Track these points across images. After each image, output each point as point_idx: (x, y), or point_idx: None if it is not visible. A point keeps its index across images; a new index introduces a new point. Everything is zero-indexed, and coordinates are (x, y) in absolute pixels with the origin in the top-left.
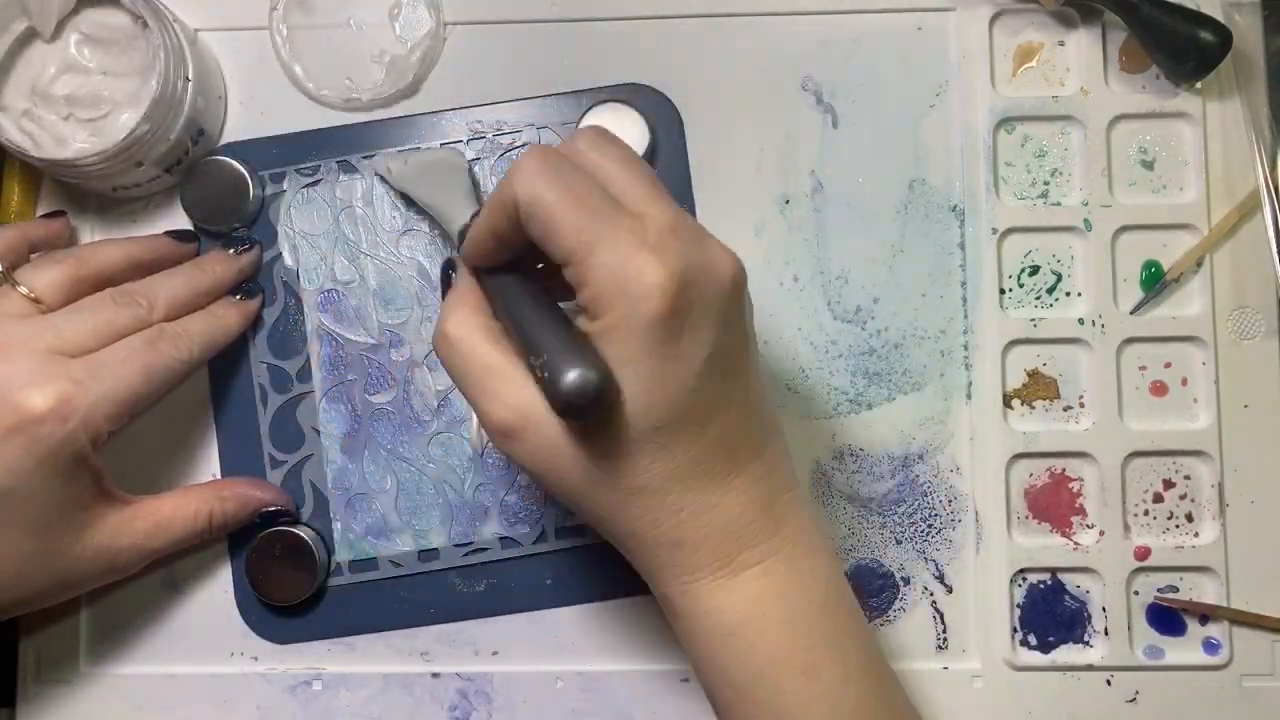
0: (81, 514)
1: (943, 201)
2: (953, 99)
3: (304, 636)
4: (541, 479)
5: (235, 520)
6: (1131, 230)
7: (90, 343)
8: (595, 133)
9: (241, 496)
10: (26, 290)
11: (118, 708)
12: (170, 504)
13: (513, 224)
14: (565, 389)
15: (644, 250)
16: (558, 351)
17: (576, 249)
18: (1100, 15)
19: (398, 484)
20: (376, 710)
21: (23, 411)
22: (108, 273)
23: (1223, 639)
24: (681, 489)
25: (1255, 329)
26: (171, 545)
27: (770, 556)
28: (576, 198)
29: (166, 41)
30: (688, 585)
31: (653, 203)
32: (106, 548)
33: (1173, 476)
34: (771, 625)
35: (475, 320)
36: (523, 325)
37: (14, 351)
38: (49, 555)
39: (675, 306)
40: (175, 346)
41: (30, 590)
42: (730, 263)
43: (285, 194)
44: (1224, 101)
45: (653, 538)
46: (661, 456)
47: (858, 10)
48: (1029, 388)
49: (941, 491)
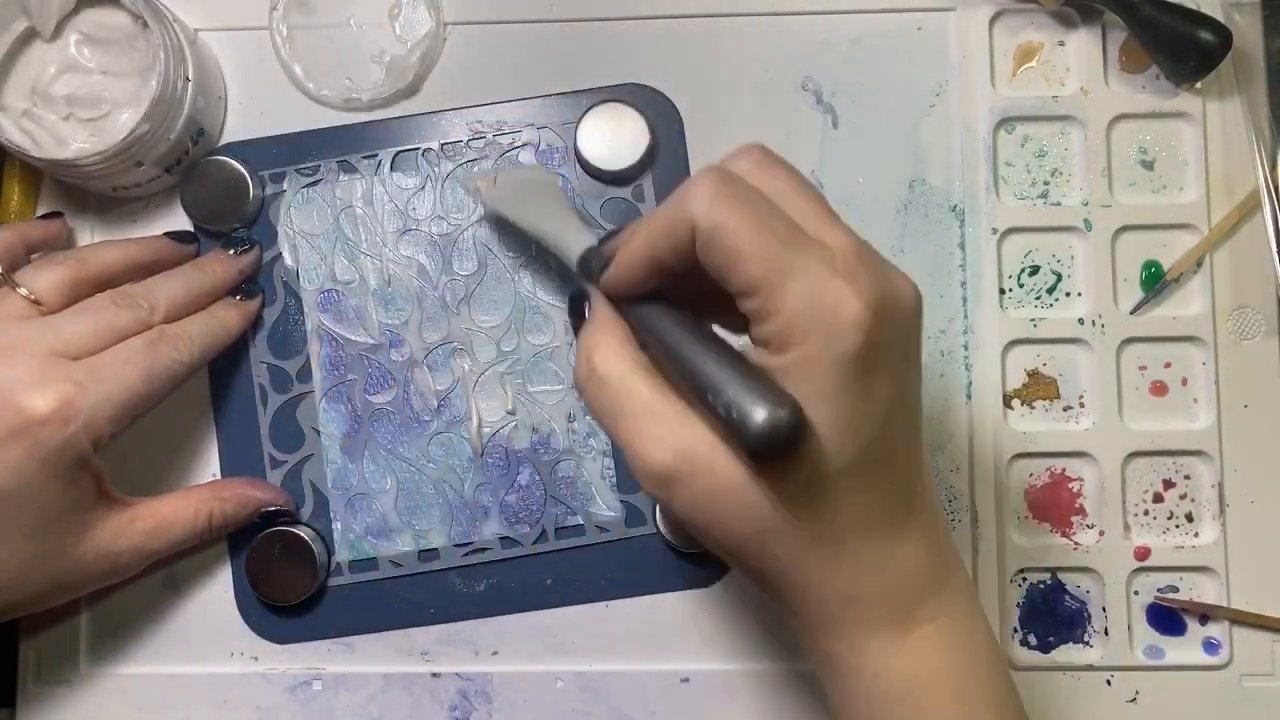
0: (82, 516)
1: (943, 201)
2: (953, 99)
3: (304, 636)
4: (703, 526)
5: (235, 521)
6: (1131, 230)
7: (91, 344)
8: (760, 153)
9: (241, 497)
10: (26, 292)
11: (118, 708)
12: (170, 505)
13: (680, 251)
14: (758, 429)
15: (838, 279)
16: (742, 389)
17: (766, 278)
18: (1100, 15)
19: (398, 484)
20: (376, 710)
21: (25, 414)
22: (107, 274)
23: (1223, 639)
24: (863, 537)
25: (1255, 329)
26: (172, 547)
27: (941, 615)
28: (761, 223)
29: (166, 41)
30: (861, 643)
31: (833, 228)
32: (107, 550)
33: (1173, 476)
34: (944, 692)
35: (627, 354)
36: (691, 360)
37: (15, 353)
38: (50, 557)
39: (872, 340)
40: (175, 348)
41: (31, 592)
42: (912, 291)
43: (285, 194)
44: (1224, 101)
45: (828, 591)
46: (847, 502)
47: (858, 10)
48: (1029, 388)
49: (941, 491)
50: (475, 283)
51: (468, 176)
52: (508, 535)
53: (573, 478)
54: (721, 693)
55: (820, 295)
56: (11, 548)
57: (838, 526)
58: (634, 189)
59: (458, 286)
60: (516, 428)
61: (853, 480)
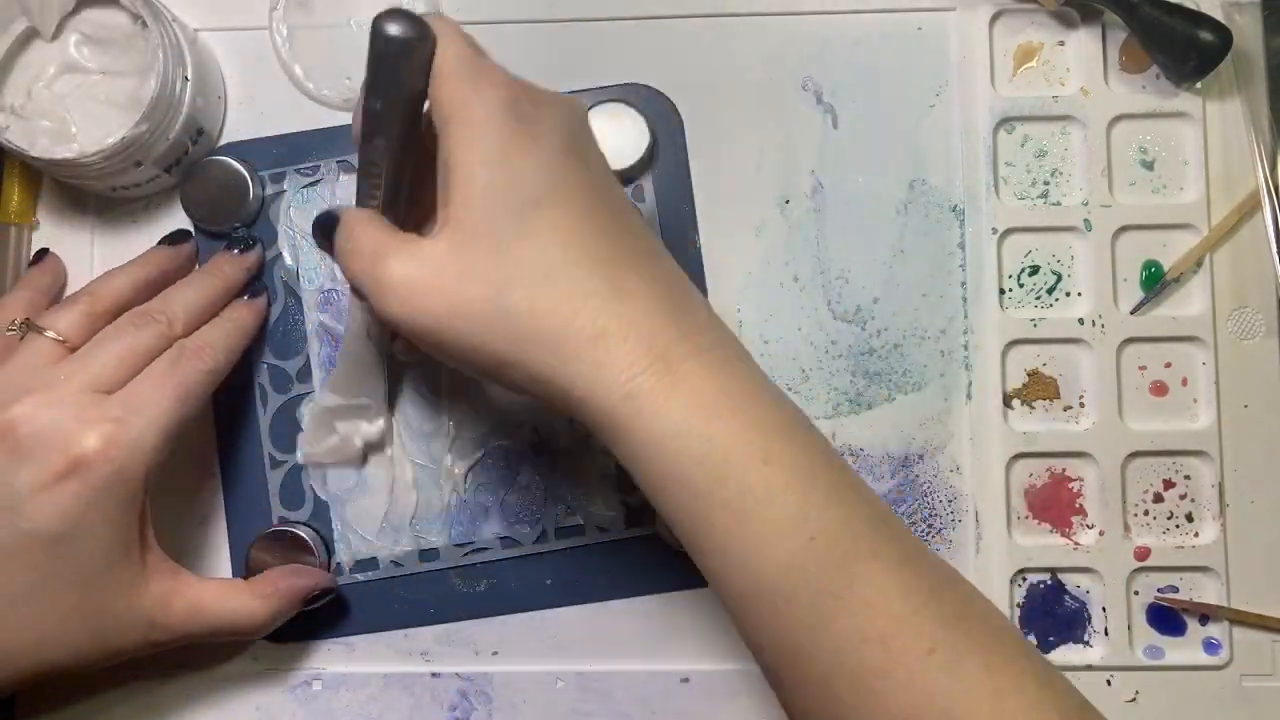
0: (128, 570)
1: (943, 201)
2: (953, 99)
3: (304, 636)
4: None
5: (282, 616)
6: (1131, 230)
7: (119, 372)
8: None
9: (284, 592)
10: (54, 334)
11: (118, 708)
12: (210, 594)
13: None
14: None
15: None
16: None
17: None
18: (1100, 15)
19: (398, 484)
20: (376, 710)
21: (71, 455)
22: (121, 303)
23: (1223, 639)
24: (587, 269)
25: (1255, 329)
26: (208, 635)
27: (703, 352)
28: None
29: (165, 41)
30: (628, 386)
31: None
32: (145, 614)
33: (1173, 476)
34: (723, 417)
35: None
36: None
37: (51, 396)
38: (91, 613)
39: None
40: (201, 359)
41: (70, 649)
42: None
43: (285, 194)
44: (1224, 101)
45: (574, 331)
46: (554, 233)
47: (858, 10)
48: (1029, 388)
49: (941, 492)
50: None
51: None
52: (508, 535)
53: (573, 478)
54: (721, 693)
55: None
56: (56, 599)
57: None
58: (634, 189)
59: None
60: (516, 427)
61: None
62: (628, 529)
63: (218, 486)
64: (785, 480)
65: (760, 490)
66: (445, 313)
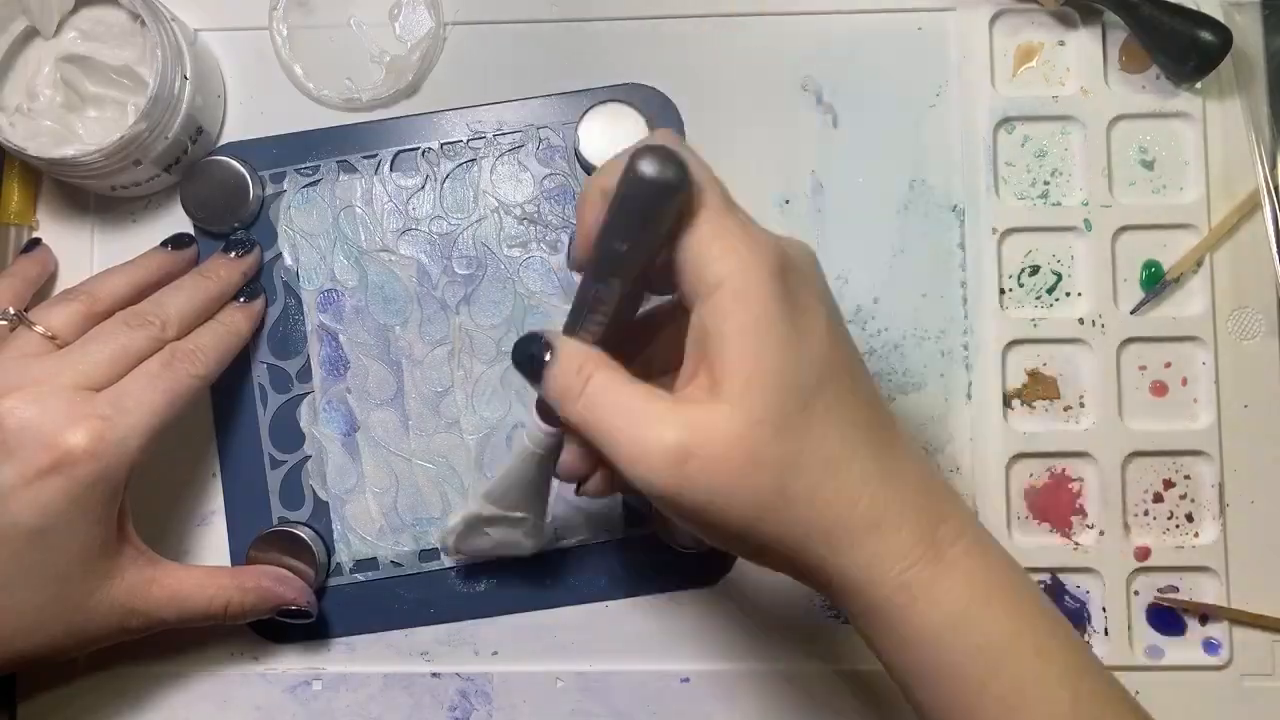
0: (105, 562)
1: (943, 201)
2: (953, 99)
3: (304, 636)
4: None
5: (254, 613)
6: (1131, 230)
7: (110, 371)
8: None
9: (264, 591)
10: (43, 330)
11: (118, 708)
12: (191, 581)
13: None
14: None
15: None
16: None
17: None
18: (1100, 15)
19: (397, 484)
20: (376, 710)
21: (57, 451)
22: (118, 304)
23: (1223, 639)
24: (864, 454)
25: (1255, 329)
26: (182, 621)
27: (966, 532)
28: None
29: (163, 39)
30: (903, 577)
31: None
32: (121, 605)
33: (1173, 476)
34: (995, 607)
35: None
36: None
37: (40, 391)
38: (67, 605)
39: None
40: (192, 363)
41: (44, 640)
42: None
43: (285, 194)
44: (1224, 101)
45: (852, 522)
46: (832, 419)
47: (858, 10)
48: (1029, 388)
49: None
50: (475, 283)
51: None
52: None
53: None
54: (721, 693)
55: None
56: (34, 591)
57: (833, 444)
58: None
59: (457, 286)
60: (516, 427)
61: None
62: (628, 529)
63: (218, 486)
64: (1058, 675)
65: (1032, 686)
66: (725, 491)
